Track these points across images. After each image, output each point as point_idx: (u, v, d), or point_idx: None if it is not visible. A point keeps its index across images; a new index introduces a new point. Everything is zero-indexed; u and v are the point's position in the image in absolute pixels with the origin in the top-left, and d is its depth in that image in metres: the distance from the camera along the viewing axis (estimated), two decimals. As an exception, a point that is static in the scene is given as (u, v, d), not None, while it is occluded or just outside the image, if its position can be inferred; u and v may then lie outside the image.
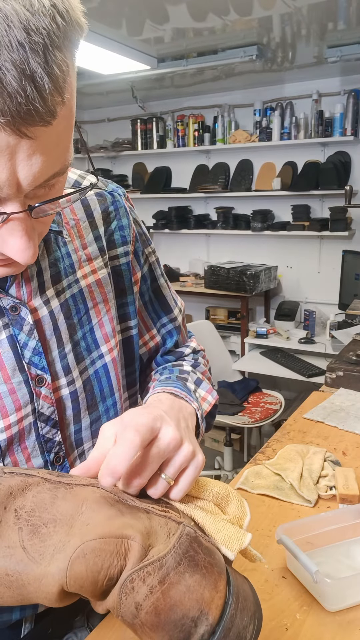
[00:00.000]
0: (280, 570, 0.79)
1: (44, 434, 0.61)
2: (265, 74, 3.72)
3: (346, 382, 1.59)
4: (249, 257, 4.39)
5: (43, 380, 0.59)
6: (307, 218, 4.02)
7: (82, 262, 0.65)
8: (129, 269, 0.71)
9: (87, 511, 0.43)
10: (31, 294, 0.58)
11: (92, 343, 0.66)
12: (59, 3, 0.37)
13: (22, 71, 0.34)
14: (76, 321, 0.63)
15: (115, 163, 5.01)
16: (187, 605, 0.41)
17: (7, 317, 0.56)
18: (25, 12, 0.34)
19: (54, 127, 0.39)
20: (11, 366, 0.57)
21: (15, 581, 0.40)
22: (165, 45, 3.08)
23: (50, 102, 0.37)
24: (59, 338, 0.61)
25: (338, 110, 3.72)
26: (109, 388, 0.68)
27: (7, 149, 0.38)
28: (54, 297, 0.61)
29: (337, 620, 0.70)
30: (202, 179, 4.44)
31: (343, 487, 0.97)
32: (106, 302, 0.67)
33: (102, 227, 0.68)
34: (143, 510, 0.46)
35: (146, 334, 0.78)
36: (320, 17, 2.69)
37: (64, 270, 0.62)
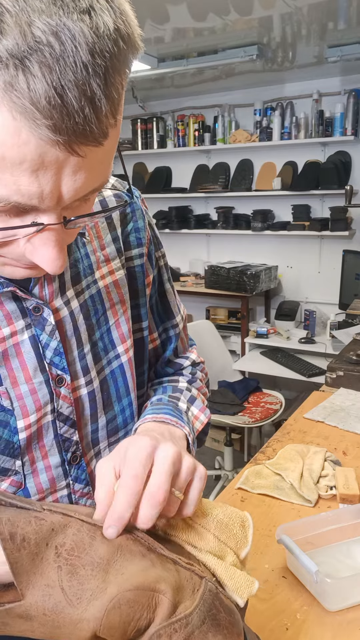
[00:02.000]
0: (280, 570, 0.79)
1: (62, 433, 0.61)
2: (265, 73, 3.72)
3: (346, 381, 1.59)
4: (249, 257, 4.39)
5: (63, 380, 0.60)
6: (307, 218, 4.02)
7: (100, 263, 0.65)
8: (142, 271, 0.72)
9: (121, 559, 0.44)
10: (53, 294, 0.59)
11: (109, 343, 0.66)
12: (122, 27, 0.37)
13: (83, 92, 0.35)
14: (94, 322, 0.64)
15: (116, 163, 5.00)
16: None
17: (30, 317, 0.57)
18: (92, 34, 0.35)
19: (104, 147, 0.40)
20: (33, 366, 0.57)
21: (51, 621, 0.41)
22: (165, 45, 3.08)
23: (105, 124, 0.38)
24: (79, 338, 0.62)
25: (338, 110, 3.72)
26: (125, 388, 0.69)
27: (55, 164, 0.38)
28: (74, 297, 0.61)
29: (337, 620, 0.70)
30: (202, 179, 4.44)
31: (343, 487, 0.97)
32: (123, 303, 0.68)
33: (119, 229, 0.68)
34: (171, 562, 0.47)
35: (149, 335, 0.79)
36: (321, 17, 2.69)
37: (83, 271, 0.63)
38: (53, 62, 0.33)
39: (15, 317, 0.56)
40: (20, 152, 0.36)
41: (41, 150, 0.37)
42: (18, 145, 0.36)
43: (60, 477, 0.63)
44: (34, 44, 0.33)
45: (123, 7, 0.39)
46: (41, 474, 0.60)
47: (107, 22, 0.36)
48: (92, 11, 0.35)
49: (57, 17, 0.33)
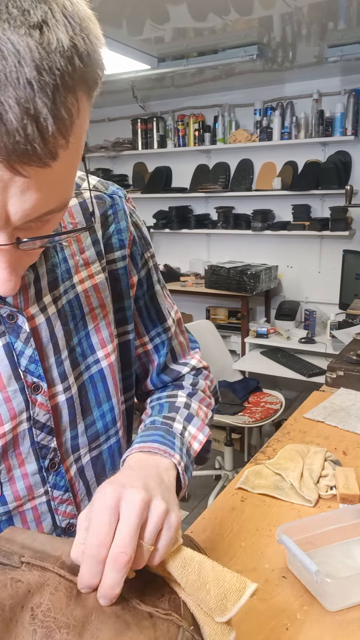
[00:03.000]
0: (280, 570, 0.79)
1: (39, 441, 0.60)
2: (265, 73, 3.72)
3: (347, 381, 1.59)
4: (249, 257, 4.39)
5: (39, 388, 0.59)
6: (307, 218, 4.02)
7: (79, 267, 0.63)
8: (126, 273, 0.70)
9: (96, 621, 0.43)
10: (28, 301, 0.58)
11: (87, 348, 0.65)
12: (80, 44, 0.36)
13: (25, 110, 0.33)
14: (72, 327, 0.63)
15: (116, 163, 5.01)
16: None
17: (4, 325, 0.56)
18: (41, 50, 0.33)
19: (53, 169, 0.38)
20: (7, 374, 0.56)
21: None
22: (165, 44, 3.08)
23: (52, 144, 0.36)
24: (56, 345, 0.61)
25: (338, 110, 3.72)
26: (105, 393, 0.67)
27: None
28: (51, 303, 0.60)
29: (337, 620, 0.70)
30: (202, 179, 4.44)
31: (343, 486, 0.97)
32: (103, 307, 0.66)
33: (99, 231, 0.66)
34: (147, 615, 0.46)
35: (137, 340, 0.76)
36: (321, 17, 2.69)
37: (61, 276, 0.61)
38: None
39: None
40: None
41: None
42: None
43: (38, 485, 0.62)
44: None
45: (85, 23, 0.37)
46: (18, 481, 0.60)
47: (61, 38, 0.34)
48: (44, 26, 0.33)
49: (0, 30, 0.32)
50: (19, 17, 0.32)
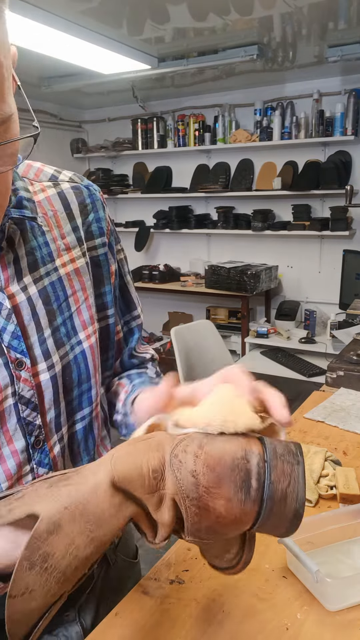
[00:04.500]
0: (280, 570, 0.79)
1: (25, 417, 0.62)
2: (265, 73, 3.72)
3: (347, 381, 1.59)
4: (249, 257, 4.39)
5: (23, 363, 0.61)
6: (307, 218, 4.02)
7: (60, 251, 0.67)
8: (106, 259, 0.74)
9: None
10: (8, 280, 0.60)
11: (71, 329, 0.67)
12: None
13: None
14: (55, 307, 0.65)
15: (116, 163, 5.01)
16: (232, 451, 0.44)
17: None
18: None
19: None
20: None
21: (78, 513, 0.42)
22: (165, 44, 3.08)
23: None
24: (38, 323, 0.63)
25: (339, 110, 3.72)
26: (86, 373, 0.70)
27: None
28: (32, 284, 0.63)
29: (337, 620, 0.70)
30: (202, 179, 4.44)
31: (344, 486, 0.97)
32: (84, 291, 0.69)
33: (79, 218, 0.70)
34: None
35: (115, 327, 0.80)
36: (321, 17, 2.69)
37: (42, 259, 0.64)
38: None
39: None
40: None
41: None
42: None
43: (25, 462, 0.63)
44: None
45: None
46: (8, 459, 0.61)
47: None
48: None
49: None
50: None
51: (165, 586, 0.75)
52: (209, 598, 0.73)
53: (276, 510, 0.43)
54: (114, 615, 0.70)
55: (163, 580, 0.76)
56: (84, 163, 5.10)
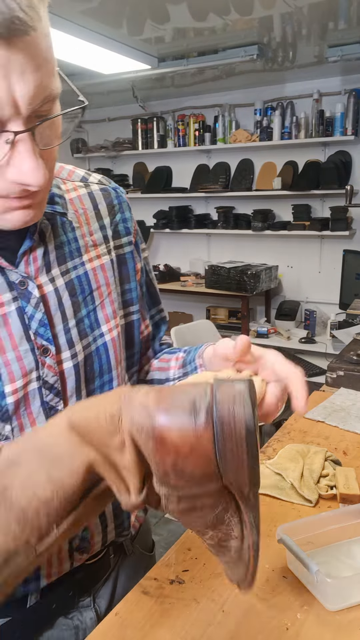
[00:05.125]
0: (281, 569, 0.79)
1: (48, 401, 0.64)
2: (265, 73, 3.72)
3: (347, 381, 1.59)
4: (249, 257, 4.39)
5: (48, 350, 0.64)
6: (307, 218, 4.02)
7: (88, 247, 0.71)
8: (132, 258, 0.77)
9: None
10: (38, 271, 0.64)
11: (94, 322, 0.70)
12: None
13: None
14: (81, 300, 0.69)
15: (116, 163, 5.01)
16: (182, 385, 0.45)
17: (16, 290, 0.61)
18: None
19: (37, 42, 0.45)
20: (19, 335, 0.61)
21: (34, 448, 0.43)
22: (165, 44, 3.08)
23: (28, 14, 0.43)
24: (64, 313, 0.66)
25: (339, 110, 3.72)
26: (108, 365, 0.72)
27: (2, 66, 0.43)
28: (60, 276, 0.66)
29: (337, 619, 0.70)
30: (202, 179, 4.44)
31: (344, 486, 0.97)
32: (108, 286, 0.72)
33: (107, 218, 0.74)
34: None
35: (142, 323, 0.82)
36: (321, 17, 2.69)
37: (70, 253, 0.68)
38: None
39: (3, 290, 0.61)
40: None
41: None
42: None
43: None
44: None
45: None
46: None
47: None
48: None
49: None
50: None
51: (165, 586, 0.75)
52: (209, 598, 0.73)
53: (227, 432, 0.41)
54: (114, 615, 0.70)
55: (163, 580, 0.76)
56: (84, 163, 5.10)
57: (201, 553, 0.81)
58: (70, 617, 0.74)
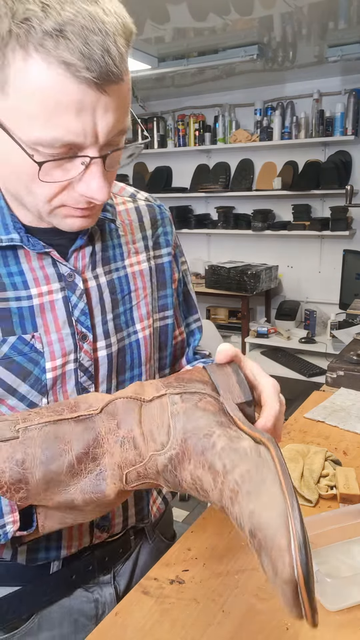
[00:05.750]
0: (280, 569, 0.79)
1: (82, 383, 0.72)
2: (266, 73, 3.72)
3: (347, 381, 1.59)
4: (249, 257, 4.39)
5: (86, 337, 0.72)
6: (307, 218, 4.02)
7: (130, 253, 0.79)
8: (170, 267, 0.85)
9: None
10: (85, 267, 0.73)
11: (130, 319, 0.78)
12: (119, 12, 0.56)
13: (102, 47, 0.52)
14: (119, 298, 0.77)
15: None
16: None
17: (64, 281, 0.70)
18: (101, 13, 0.52)
19: (122, 89, 0.55)
20: (62, 320, 0.70)
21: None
22: (165, 44, 3.08)
23: (119, 67, 0.54)
24: (103, 307, 0.74)
25: (339, 110, 3.72)
26: (138, 360, 0.79)
27: (90, 105, 0.53)
28: (103, 274, 0.75)
29: (337, 619, 0.70)
30: (202, 179, 4.44)
31: (344, 486, 0.97)
32: (144, 290, 0.80)
33: (149, 230, 0.83)
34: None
35: (176, 329, 0.89)
36: (321, 17, 2.69)
37: (114, 256, 0.77)
38: (80, 29, 0.50)
39: (53, 279, 0.69)
40: (67, 97, 0.52)
41: (81, 94, 0.52)
42: (65, 92, 0.52)
43: None
44: (67, 20, 0.50)
45: (118, 3, 0.57)
46: None
47: (109, 7, 0.54)
48: (98, 1, 0.53)
49: (77, 4, 0.51)
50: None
51: (165, 586, 0.75)
52: (209, 598, 0.73)
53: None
54: (114, 615, 0.70)
55: (163, 580, 0.76)
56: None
57: (201, 553, 0.81)
58: (90, 591, 0.80)
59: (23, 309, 0.68)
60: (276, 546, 0.44)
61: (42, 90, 0.51)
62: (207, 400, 0.59)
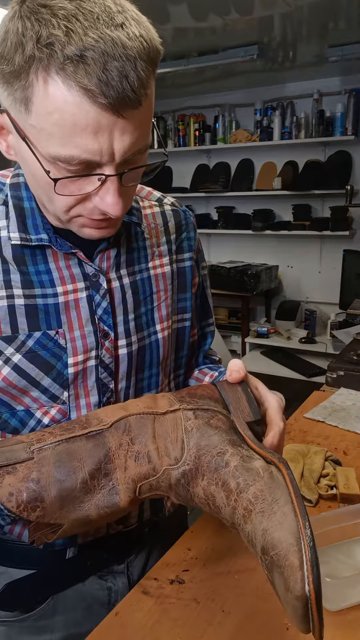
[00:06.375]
0: (280, 569, 0.79)
1: (102, 378, 0.75)
2: (266, 73, 3.72)
3: (347, 381, 1.59)
4: (249, 257, 4.39)
5: (108, 335, 0.74)
6: (308, 218, 4.02)
7: (154, 256, 0.82)
8: (191, 272, 0.88)
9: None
10: (109, 268, 0.75)
11: (150, 320, 0.81)
12: (144, 34, 0.56)
13: (121, 73, 0.53)
14: (142, 299, 0.79)
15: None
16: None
17: (89, 281, 0.73)
18: (124, 38, 0.53)
19: (140, 112, 0.56)
20: (86, 318, 0.73)
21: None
22: (165, 44, 3.08)
23: (138, 93, 0.55)
24: (125, 307, 0.77)
25: (339, 110, 3.72)
26: (157, 360, 0.82)
27: (107, 127, 0.55)
28: (126, 276, 0.77)
29: (337, 619, 0.70)
30: (202, 179, 4.44)
31: (344, 486, 0.97)
32: (166, 292, 0.83)
33: (174, 234, 0.86)
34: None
35: (192, 330, 0.92)
36: (321, 17, 2.69)
37: (138, 259, 0.79)
38: (100, 55, 0.52)
39: (78, 279, 0.72)
40: (85, 119, 0.54)
41: (98, 116, 0.54)
42: (83, 115, 0.54)
43: None
44: (88, 46, 0.52)
45: (146, 24, 0.59)
46: (82, 409, 0.74)
47: (134, 31, 0.55)
48: (124, 25, 0.54)
49: (101, 29, 0.53)
50: (109, 22, 0.53)
51: (165, 586, 0.75)
52: (209, 598, 0.73)
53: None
54: (114, 615, 0.70)
55: (163, 580, 0.76)
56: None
57: (201, 553, 0.81)
58: (104, 579, 0.82)
59: (49, 305, 0.71)
60: (289, 564, 0.46)
61: (61, 111, 0.53)
62: (219, 417, 0.61)
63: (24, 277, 0.70)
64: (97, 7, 0.54)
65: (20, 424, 0.72)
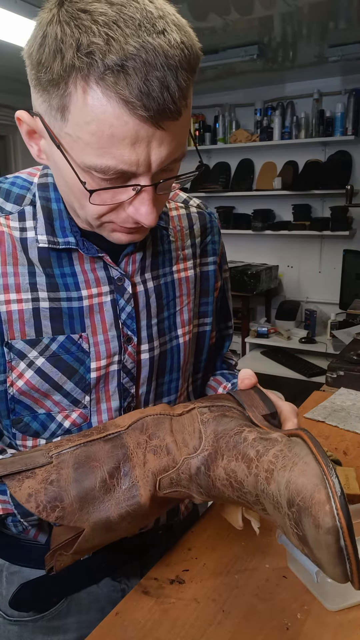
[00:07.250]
0: (281, 569, 0.79)
1: (124, 383, 0.75)
2: (266, 73, 3.72)
3: (347, 381, 1.59)
4: (249, 257, 4.39)
5: (131, 339, 0.74)
6: (308, 217, 4.02)
7: (179, 260, 0.81)
8: (214, 276, 0.87)
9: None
10: (134, 272, 0.74)
11: (172, 324, 0.80)
12: (186, 41, 0.54)
13: (162, 83, 0.51)
14: (165, 303, 0.79)
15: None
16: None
17: (114, 285, 0.72)
18: (165, 46, 0.51)
19: (179, 122, 0.55)
20: (110, 322, 0.72)
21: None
22: (166, 44, 3.08)
23: (178, 104, 0.54)
24: (149, 312, 0.76)
25: (339, 110, 3.72)
26: (177, 364, 0.82)
27: (145, 138, 0.54)
28: (151, 280, 0.76)
29: (337, 619, 0.70)
30: (203, 179, 4.44)
31: (344, 486, 0.97)
32: (188, 296, 0.82)
33: (198, 238, 0.85)
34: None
35: (211, 333, 0.92)
36: (321, 17, 2.69)
37: (163, 262, 0.79)
38: (141, 65, 0.50)
39: (103, 282, 0.72)
40: (123, 130, 0.53)
41: (137, 128, 0.53)
42: (121, 126, 0.52)
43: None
44: (129, 55, 0.50)
45: (186, 28, 0.56)
46: (103, 414, 0.74)
47: (175, 38, 0.53)
48: (165, 32, 0.52)
49: (142, 37, 0.51)
50: (150, 28, 0.51)
51: (165, 586, 0.75)
52: (209, 598, 0.73)
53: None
54: (114, 615, 0.70)
55: (163, 580, 0.76)
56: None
57: (201, 553, 0.81)
58: (118, 580, 0.83)
59: (73, 309, 0.70)
60: (315, 501, 0.46)
61: (99, 121, 0.52)
62: (234, 411, 0.62)
63: (49, 280, 0.69)
64: (139, 12, 0.52)
65: (41, 427, 0.72)
